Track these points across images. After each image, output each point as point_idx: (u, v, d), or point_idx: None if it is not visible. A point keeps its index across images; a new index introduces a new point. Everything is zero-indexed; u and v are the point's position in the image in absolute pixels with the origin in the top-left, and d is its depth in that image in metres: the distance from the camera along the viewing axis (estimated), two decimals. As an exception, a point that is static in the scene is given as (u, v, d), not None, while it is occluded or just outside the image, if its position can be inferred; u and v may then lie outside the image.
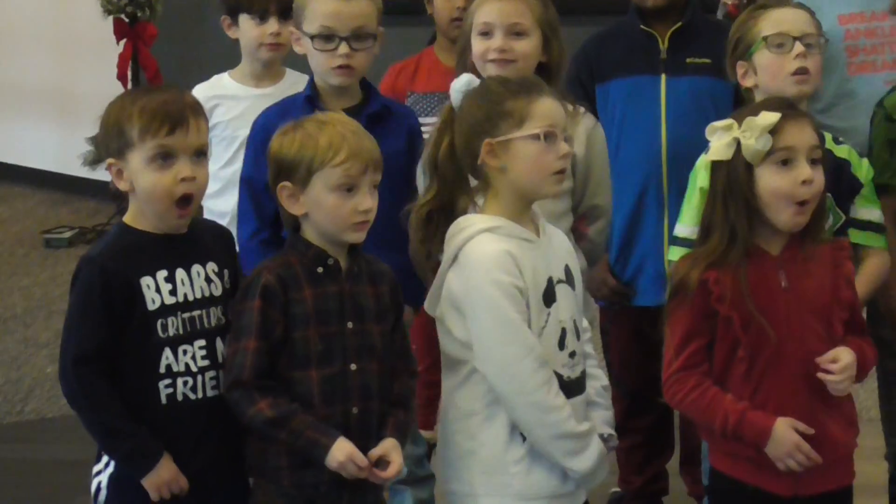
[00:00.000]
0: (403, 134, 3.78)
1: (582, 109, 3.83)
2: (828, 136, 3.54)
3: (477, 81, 3.38)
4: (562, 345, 3.22)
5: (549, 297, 3.22)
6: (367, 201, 3.12)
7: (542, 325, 3.20)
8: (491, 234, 3.17)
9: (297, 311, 3.09)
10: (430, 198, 3.32)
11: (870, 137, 3.85)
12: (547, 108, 3.23)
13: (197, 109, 3.10)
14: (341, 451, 3.04)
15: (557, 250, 3.29)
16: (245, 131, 4.00)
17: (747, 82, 3.75)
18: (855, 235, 3.65)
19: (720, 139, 3.23)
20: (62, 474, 4.90)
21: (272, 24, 4.36)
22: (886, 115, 3.81)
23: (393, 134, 3.72)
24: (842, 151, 3.67)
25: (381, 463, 3.14)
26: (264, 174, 3.49)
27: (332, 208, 3.13)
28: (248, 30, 4.38)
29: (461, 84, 3.36)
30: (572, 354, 3.23)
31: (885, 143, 3.77)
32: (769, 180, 3.19)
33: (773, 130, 3.18)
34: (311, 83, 3.80)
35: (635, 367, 3.87)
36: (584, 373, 3.27)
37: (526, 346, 3.14)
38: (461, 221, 3.22)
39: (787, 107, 3.27)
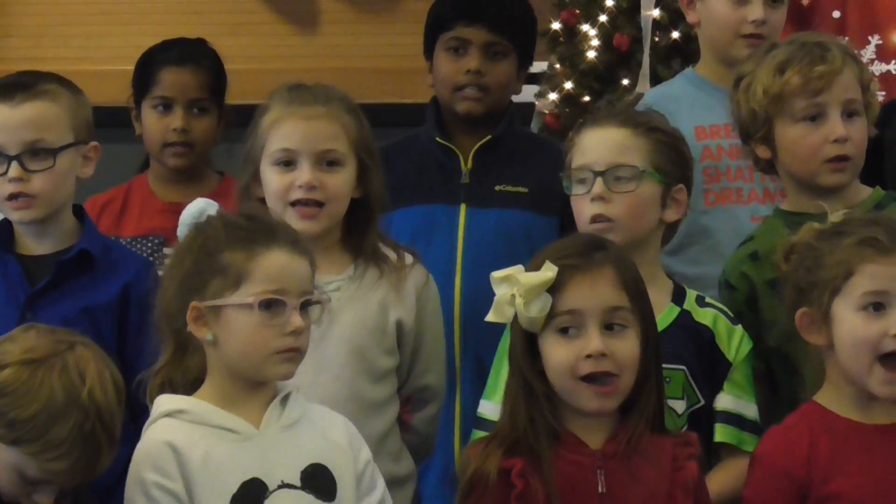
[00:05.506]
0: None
1: (410, 259, 3.02)
2: (691, 295, 2.88)
3: (215, 208, 2.68)
4: None
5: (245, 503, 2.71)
6: None
7: None
8: (171, 420, 2.61)
9: None
10: (162, 365, 2.69)
11: None
12: (274, 267, 2.57)
13: None
14: None
15: (301, 448, 2.64)
16: None
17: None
18: (721, 433, 2.85)
19: (503, 293, 2.57)
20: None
21: None
22: (726, 282, 3.10)
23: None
24: (705, 317, 2.90)
25: None
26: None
27: None
28: None
29: (190, 214, 2.66)
30: None
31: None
32: (550, 353, 2.50)
33: (553, 289, 2.50)
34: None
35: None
36: None
37: None
38: (157, 401, 2.67)
39: (592, 248, 2.55)
